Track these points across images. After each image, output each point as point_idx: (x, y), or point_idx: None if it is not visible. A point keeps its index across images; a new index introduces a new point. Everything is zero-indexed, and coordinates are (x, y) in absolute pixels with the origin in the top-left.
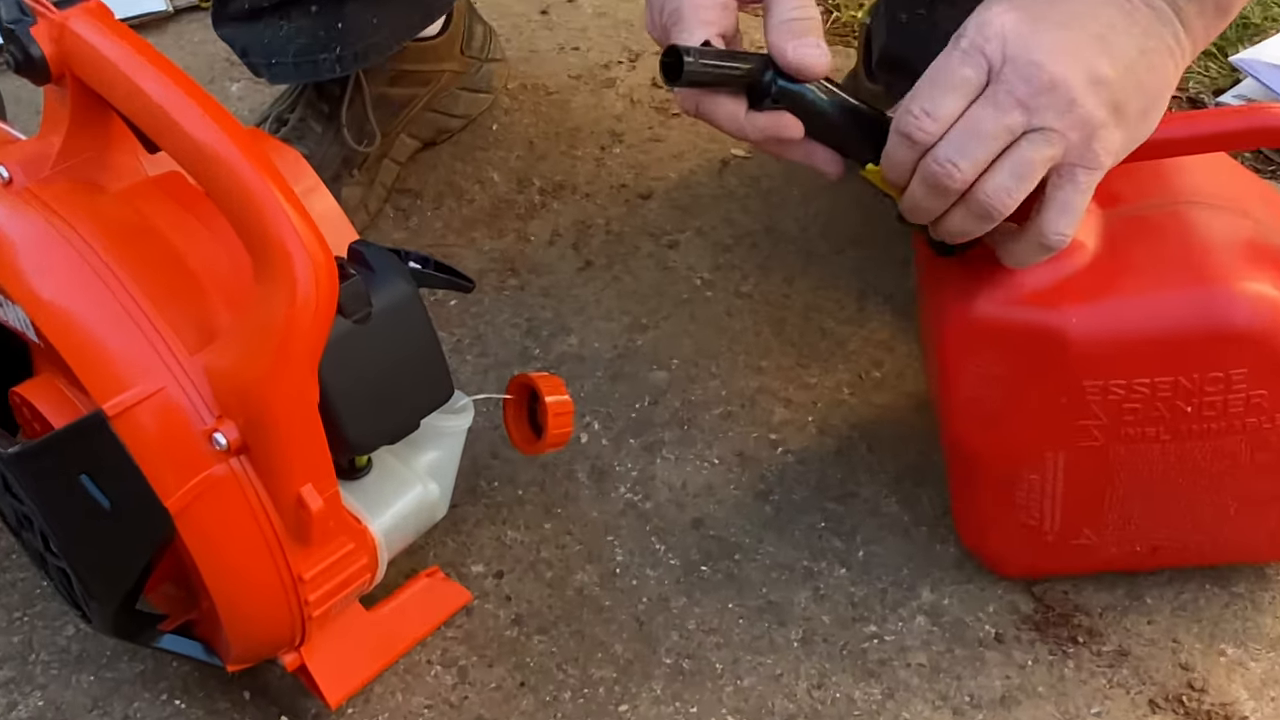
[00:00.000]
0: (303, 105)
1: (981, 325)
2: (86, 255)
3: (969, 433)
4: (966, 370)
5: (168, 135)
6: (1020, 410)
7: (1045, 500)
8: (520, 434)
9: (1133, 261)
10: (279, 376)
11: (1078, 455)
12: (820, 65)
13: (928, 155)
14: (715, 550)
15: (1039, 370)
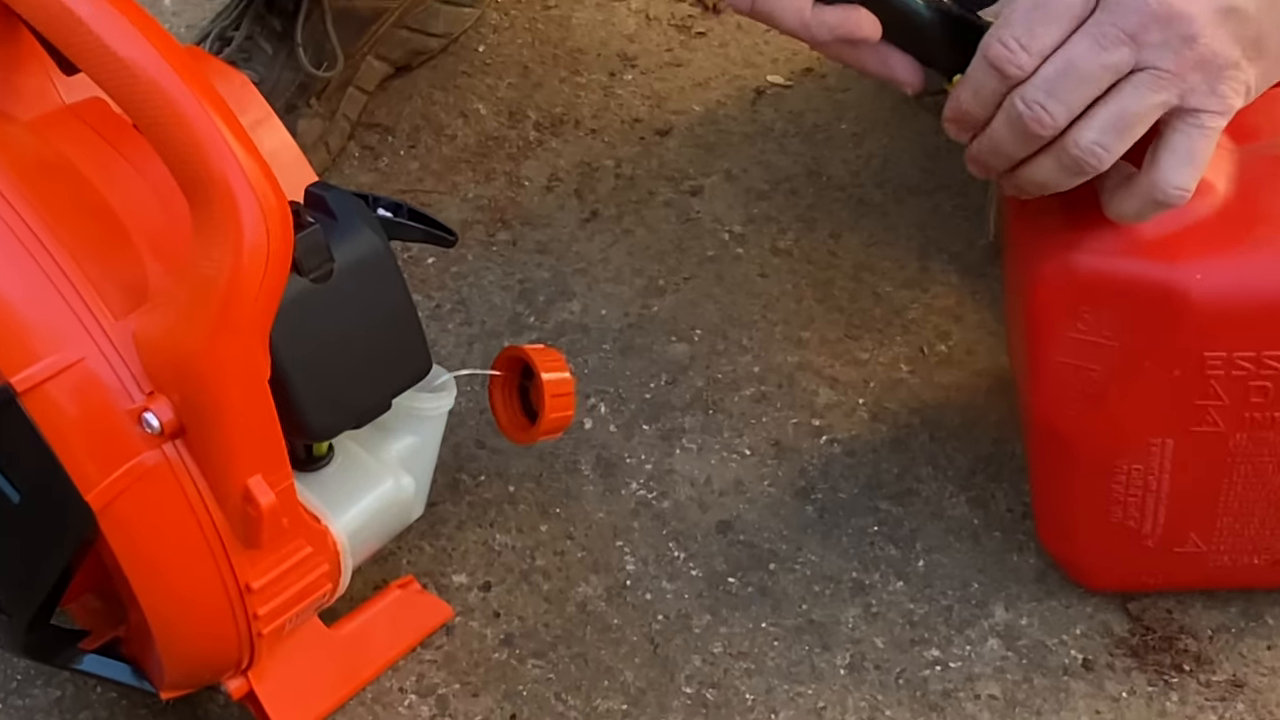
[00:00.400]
0: (249, 21)
1: (1083, 280)
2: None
3: (1061, 411)
4: (1063, 335)
5: (87, 52)
6: (1125, 386)
7: (1148, 497)
8: (510, 419)
9: (1272, 209)
10: (222, 345)
11: (1191, 443)
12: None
13: (1015, 92)
14: (745, 559)
15: (1152, 337)
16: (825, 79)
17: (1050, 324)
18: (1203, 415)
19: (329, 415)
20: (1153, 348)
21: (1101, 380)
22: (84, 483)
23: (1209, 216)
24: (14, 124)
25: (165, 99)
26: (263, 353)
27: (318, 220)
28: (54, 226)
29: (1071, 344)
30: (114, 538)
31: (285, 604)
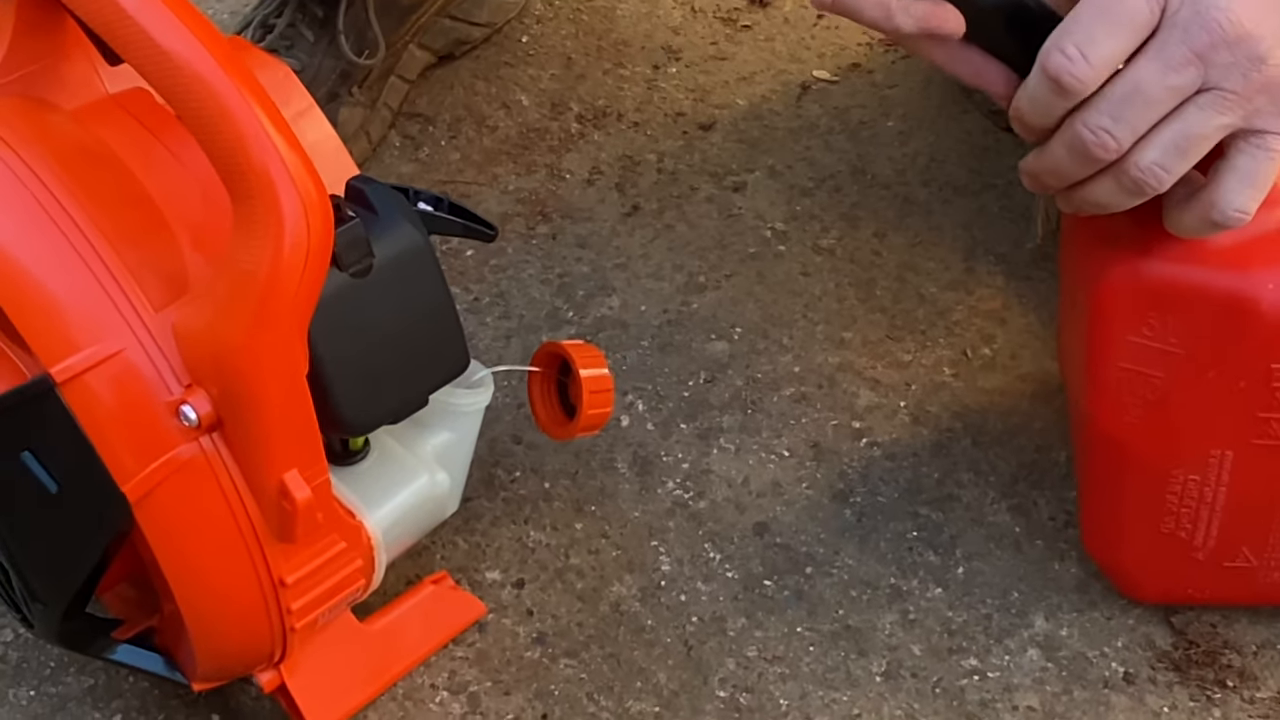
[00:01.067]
0: (292, 8)
1: (1151, 285)
2: (32, 186)
3: (1119, 417)
4: (1126, 340)
5: (130, 42)
6: (1187, 394)
7: (1201, 509)
8: (548, 414)
9: None
10: (260, 340)
11: (1251, 455)
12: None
13: (1076, 115)
14: (782, 562)
15: (1219, 346)
16: (872, 75)
17: (1114, 328)
18: (1265, 428)
19: (366, 410)
20: (1219, 357)
21: (1163, 388)
22: (121, 474)
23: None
24: (58, 113)
25: (208, 91)
26: (301, 348)
27: (358, 214)
28: (95, 216)
29: (1135, 349)
30: (150, 529)
31: (318, 599)
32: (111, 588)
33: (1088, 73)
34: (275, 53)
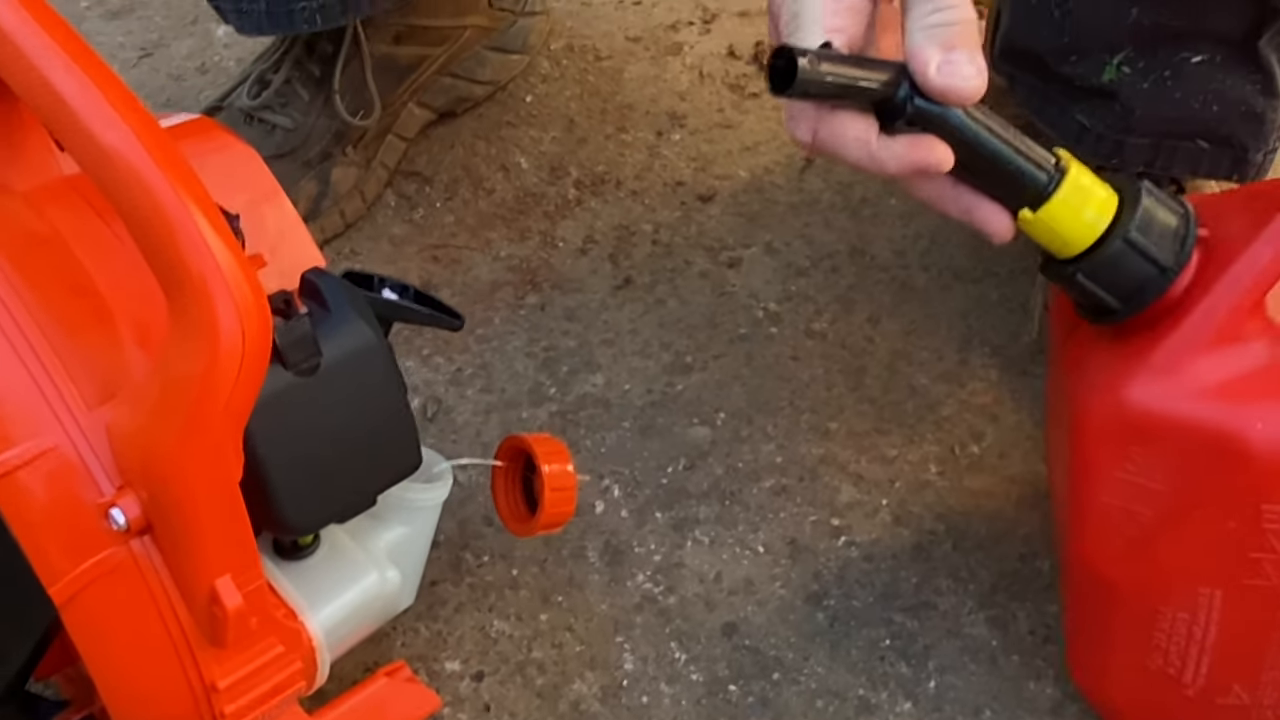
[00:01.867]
0: (289, 65)
1: (1136, 419)
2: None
3: (1104, 553)
4: (1110, 475)
5: (68, 133)
6: (1175, 533)
7: (1191, 646)
8: (511, 509)
9: None
10: (191, 446)
11: (1241, 595)
12: (972, 90)
13: None
14: (749, 666)
15: (1207, 485)
16: None
17: (1098, 462)
18: (1256, 568)
19: (309, 511)
20: (1207, 497)
21: (1149, 525)
22: (48, 574)
23: (1273, 362)
24: (9, 196)
25: (143, 190)
26: (235, 454)
27: (310, 309)
28: (36, 308)
29: (1119, 485)
30: (76, 632)
31: (254, 701)
32: (60, 670)
33: None
34: (270, 109)
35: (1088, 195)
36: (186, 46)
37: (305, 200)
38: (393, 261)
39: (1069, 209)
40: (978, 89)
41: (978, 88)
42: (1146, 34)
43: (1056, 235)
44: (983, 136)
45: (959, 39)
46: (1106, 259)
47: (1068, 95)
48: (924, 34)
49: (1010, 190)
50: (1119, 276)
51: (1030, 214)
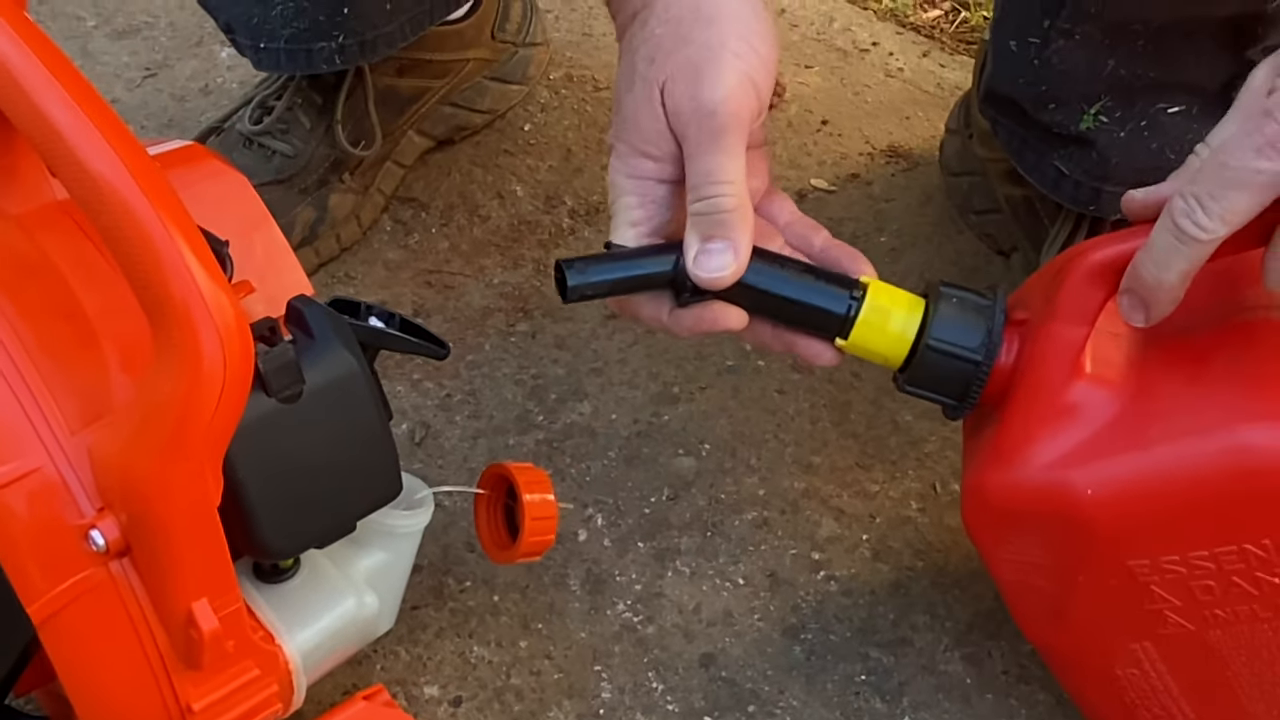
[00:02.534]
0: (291, 92)
1: (997, 505)
2: None
3: (1034, 630)
4: (1001, 558)
5: (58, 159)
6: (1076, 600)
7: (1163, 696)
8: (492, 536)
9: (1168, 402)
10: (171, 471)
11: (1168, 644)
12: (724, 281)
13: None
14: (725, 697)
15: (1071, 553)
16: (870, 186)
17: (985, 546)
18: (1162, 619)
19: (288, 536)
20: (1078, 563)
21: (1053, 596)
22: (27, 593)
23: (1105, 421)
24: (1, 219)
25: (129, 218)
26: (214, 480)
27: (294, 337)
28: (22, 330)
29: (1011, 565)
30: (54, 651)
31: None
32: (40, 685)
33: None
34: (270, 135)
35: (888, 314)
36: (190, 68)
37: (302, 225)
38: (387, 286)
39: (873, 330)
40: (729, 279)
41: (729, 277)
42: (1123, 84)
43: (874, 354)
44: (769, 289)
45: (718, 228)
46: (921, 367)
47: (1046, 142)
48: (691, 221)
49: (816, 324)
50: (939, 379)
51: (842, 341)
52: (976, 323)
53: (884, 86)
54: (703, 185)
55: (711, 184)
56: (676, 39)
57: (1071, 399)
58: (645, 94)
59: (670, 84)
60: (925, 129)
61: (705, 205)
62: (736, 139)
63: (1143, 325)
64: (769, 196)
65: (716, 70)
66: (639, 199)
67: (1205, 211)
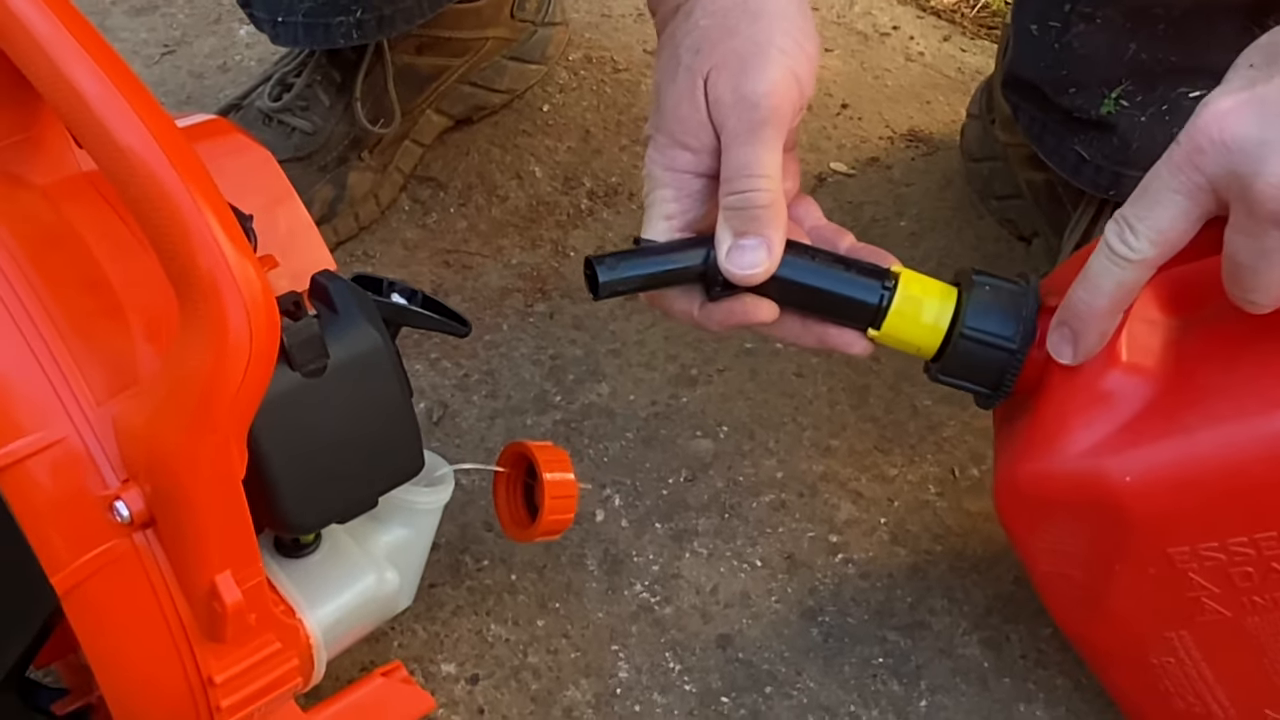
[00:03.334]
0: (311, 69)
1: (1032, 495)
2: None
3: (1071, 619)
4: (1035, 548)
5: (87, 131)
6: (1112, 589)
7: (1200, 685)
8: (511, 515)
9: (1202, 389)
10: (196, 443)
11: (1205, 632)
12: (756, 277)
13: None
14: (742, 678)
15: (1109, 541)
16: (890, 170)
17: (1020, 537)
18: (1200, 606)
19: (310, 511)
20: (1115, 551)
21: (1088, 586)
22: (51, 564)
23: (1141, 408)
24: (27, 189)
25: (158, 190)
26: (239, 452)
27: (318, 312)
28: (49, 301)
29: (1045, 554)
30: (77, 622)
31: (250, 697)
32: (61, 657)
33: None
34: (290, 112)
35: (920, 303)
36: (209, 45)
37: (320, 203)
38: (405, 265)
39: (906, 320)
40: (762, 275)
41: (762, 274)
42: (1145, 69)
43: (906, 344)
44: (801, 280)
45: (752, 224)
46: (955, 356)
47: (1067, 126)
48: (723, 215)
49: (848, 315)
50: (973, 368)
51: (875, 332)
52: (1011, 311)
53: (904, 70)
54: (737, 178)
55: (747, 176)
56: (723, 30)
57: (1108, 386)
58: (689, 84)
59: (715, 74)
60: (946, 113)
61: (739, 200)
62: (775, 133)
63: (1070, 362)
64: (798, 200)
65: (762, 63)
66: (675, 192)
67: (1134, 232)
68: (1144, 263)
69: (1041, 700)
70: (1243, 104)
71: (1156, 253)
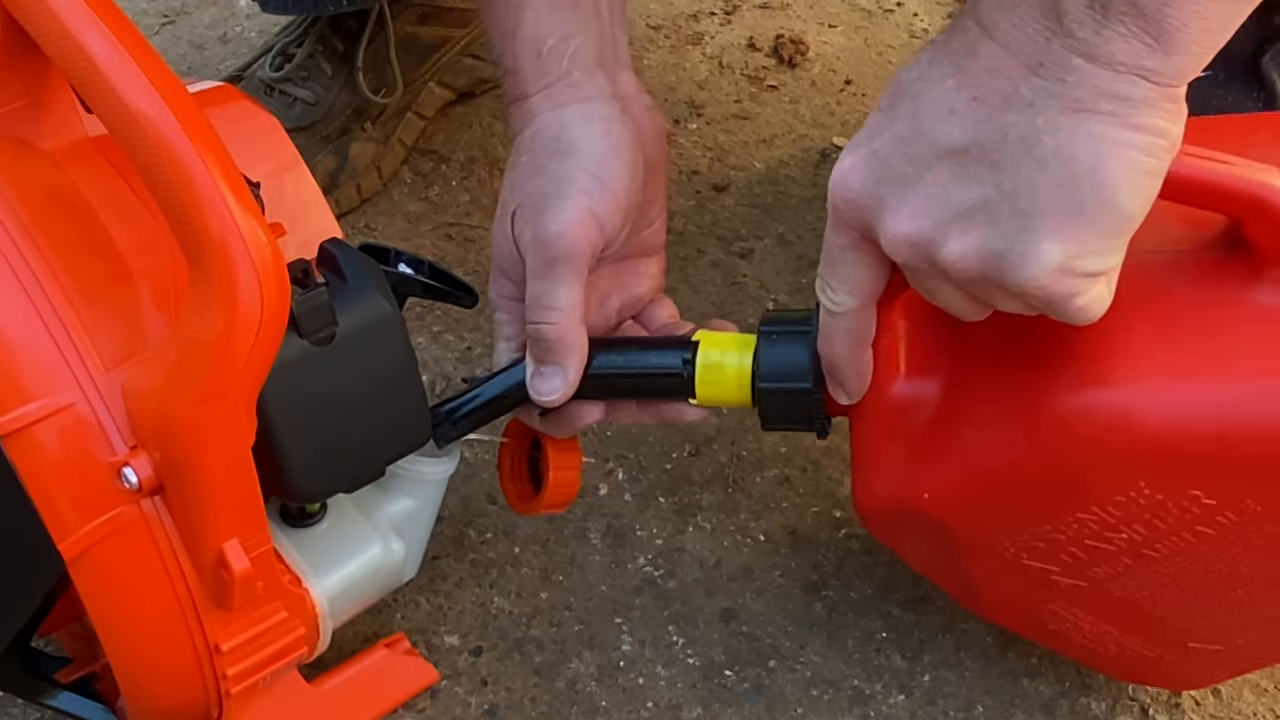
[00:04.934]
0: (313, 39)
1: (865, 514)
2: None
3: (968, 606)
4: (905, 553)
5: (98, 96)
6: (976, 581)
7: (1109, 636)
8: (516, 488)
9: (979, 386)
10: (205, 410)
11: (1079, 599)
12: (558, 399)
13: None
14: (745, 652)
15: (947, 544)
16: None
17: (891, 545)
18: (1055, 584)
19: (318, 479)
20: (955, 553)
21: (958, 578)
22: (59, 530)
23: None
24: (34, 154)
25: (169, 154)
26: (248, 419)
27: (327, 280)
28: (57, 267)
29: (915, 558)
30: (84, 588)
31: (256, 665)
32: (64, 626)
33: None
34: (291, 82)
35: (721, 368)
36: (209, 15)
37: (322, 174)
38: (407, 238)
39: (714, 385)
40: (559, 400)
41: (559, 399)
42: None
43: (727, 403)
44: (613, 374)
45: (546, 354)
46: (765, 407)
47: None
48: (528, 343)
49: (668, 391)
50: (783, 414)
51: (694, 400)
52: (799, 351)
53: (908, 47)
54: (532, 310)
55: (539, 309)
56: (533, 169)
57: (895, 401)
58: (502, 220)
59: (519, 211)
60: None
61: (534, 330)
62: (569, 270)
63: (847, 402)
64: (655, 303)
65: (559, 203)
66: (509, 316)
67: (832, 289)
68: (855, 310)
69: (1044, 674)
70: (860, 161)
71: (860, 300)
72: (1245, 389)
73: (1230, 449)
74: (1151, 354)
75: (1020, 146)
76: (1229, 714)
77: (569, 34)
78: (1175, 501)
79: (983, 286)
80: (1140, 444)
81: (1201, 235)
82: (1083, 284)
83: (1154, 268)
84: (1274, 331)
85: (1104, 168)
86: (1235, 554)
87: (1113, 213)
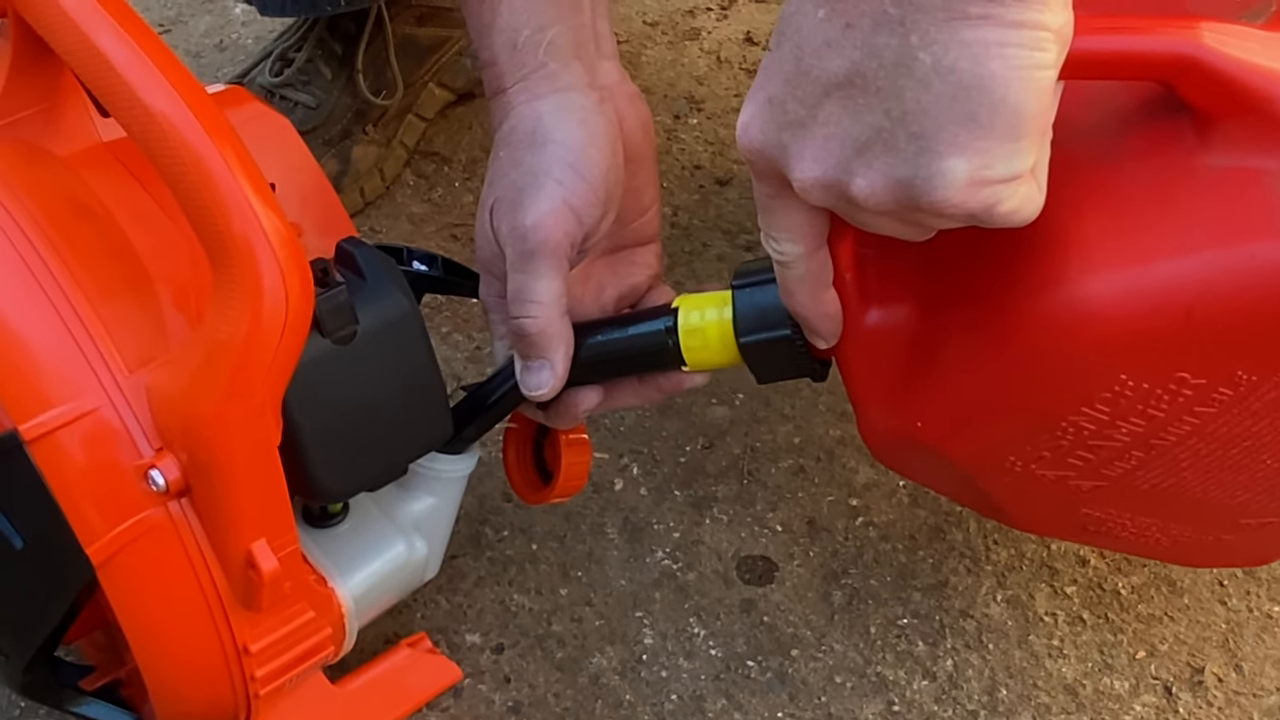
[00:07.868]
0: (311, 43)
1: (872, 448)
2: (14, 238)
3: (1002, 520)
4: (924, 482)
5: (117, 99)
6: (999, 500)
7: (1153, 528)
8: (523, 476)
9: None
10: (232, 410)
11: (1105, 500)
12: (548, 392)
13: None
14: (767, 642)
15: (954, 469)
16: None
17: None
18: (1076, 489)
19: (340, 478)
20: (967, 475)
21: (983, 501)
22: (86, 535)
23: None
24: (50, 160)
25: (191, 156)
26: (274, 419)
27: (345, 279)
28: (77, 271)
29: (934, 485)
30: (113, 592)
31: (284, 666)
32: (86, 635)
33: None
34: (291, 87)
35: (702, 331)
36: (204, 24)
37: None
38: (411, 240)
39: (700, 350)
40: (550, 393)
41: (550, 392)
42: None
43: (720, 366)
44: (603, 357)
45: (530, 348)
46: (753, 363)
47: None
48: (511, 339)
49: (661, 363)
50: (773, 365)
51: (687, 367)
52: (772, 297)
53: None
54: (512, 304)
55: (519, 303)
56: (510, 162)
57: (871, 333)
58: (482, 217)
59: (497, 206)
60: None
61: (515, 325)
62: (546, 263)
63: (826, 347)
64: (652, 293)
65: (534, 195)
66: (500, 315)
67: (775, 239)
68: (803, 256)
69: (1066, 657)
70: (758, 109)
71: (805, 246)
72: (1204, 260)
73: (1202, 324)
74: (1102, 242)
75: (899, 68)
76: (1251, 690)
77: (544, 24)
78: (1163, 387)
79: (905, 214)
80: (1108, 337)
81: (1141, 106)
82: (1001, 190)
83: (1099, 150)
84: (1227, 195)
85: (988, 73)
86: (1247, 425)
87: (1009, 115)
